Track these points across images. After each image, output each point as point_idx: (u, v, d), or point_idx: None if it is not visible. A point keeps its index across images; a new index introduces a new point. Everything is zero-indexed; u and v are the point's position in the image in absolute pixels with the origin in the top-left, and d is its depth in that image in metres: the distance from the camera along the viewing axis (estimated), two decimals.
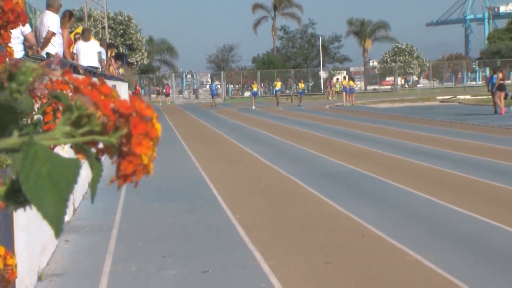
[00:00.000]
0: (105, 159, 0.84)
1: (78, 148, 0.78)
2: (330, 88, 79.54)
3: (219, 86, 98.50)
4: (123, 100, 0.77)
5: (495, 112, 35.52)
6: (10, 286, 1.38)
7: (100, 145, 0.79)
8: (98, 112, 0.76)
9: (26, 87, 0.80)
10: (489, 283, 7.39)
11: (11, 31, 1.45)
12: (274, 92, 65.59)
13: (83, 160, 0.79)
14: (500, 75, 38.02)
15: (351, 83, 62.82)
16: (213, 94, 70.90)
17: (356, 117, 38.39)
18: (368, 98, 72.18)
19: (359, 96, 73.18)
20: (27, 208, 0.82)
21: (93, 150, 0.79)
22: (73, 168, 0.75)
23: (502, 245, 9.06)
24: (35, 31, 14.49)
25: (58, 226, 0.74)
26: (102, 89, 0.78)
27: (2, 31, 1.33)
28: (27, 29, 12.25)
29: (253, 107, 55.64)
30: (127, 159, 0.77)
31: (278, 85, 66.27)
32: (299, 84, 67.65)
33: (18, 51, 11.60)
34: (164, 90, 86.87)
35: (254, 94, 61.75)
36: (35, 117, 1.41)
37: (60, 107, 1.60)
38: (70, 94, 0.85)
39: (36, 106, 1.60)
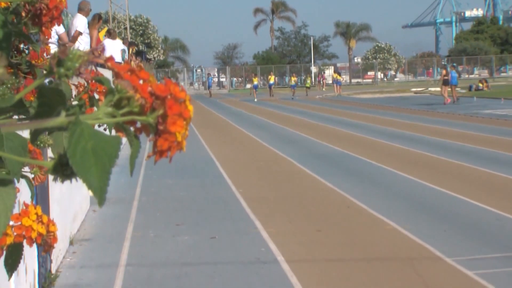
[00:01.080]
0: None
1: (119, 127, 0.76)
2: (323, 80, 79.51)
3: (223, 79, 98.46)
4: (159, 84, 0.76)
5: (444, 103, 35.40)
6: (52, 249, 1.36)
7: (138, 124, 0.77)
8: (137, 95, 0.74)
9: (73, 72, 0.78)
10: (455, 247, 7.39)
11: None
12: (269, 85, 62.05)
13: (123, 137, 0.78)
14: (443, 72, 38.25)
15: (338, 77, 63.04)
16: (209, 86, 70.49)
17: (342, 106, 38.34)
18: (353, 89, 71.92)
19: (345, 88, 73.02)
20: (73, 180, 0.81)
21: (132, 128, 0.78)
22: (115, 144, 0.73)
23: (467, 215, 9.06)
24: (67, 31, 14.44)
25: (101, 196, 0.72)
26: (140, 74, 0.76)
27: (44, 28, 1.30)
28: (61, 29, 12.20)
29: (255, 99, 51.25)
30: (163, 136, 0.75)
31: (272, 79, 63.84)
32: (292, 78, 65.67)
33: (52, 48, 11.55)
34: None
35: (255, 87, 56.63)
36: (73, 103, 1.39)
37: (96, 95, 1.58)
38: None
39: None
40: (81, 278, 6.78)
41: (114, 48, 20.53)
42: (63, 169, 0.78)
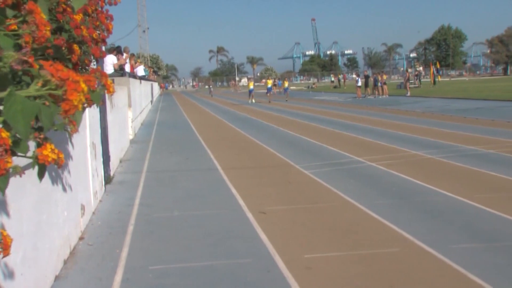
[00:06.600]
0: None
1: (45, 98, 0.56)
2: (235, 85, 76.57)
3: (195, 83, 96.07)
4: (65, 72, 0.57)
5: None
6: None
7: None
8: (53, 79, 0.55)
9: (8, 65, 0.58)
10: (300, 160, 7.33)
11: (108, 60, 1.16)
12: (267, 89, 31.44)
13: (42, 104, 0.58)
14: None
15: (251, 84, 61.57)
16: (166, 87, 65.86)
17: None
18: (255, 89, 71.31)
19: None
20: (120, 130, 0.61)
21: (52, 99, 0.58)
22: (34, 108, 0.55)
23: (306, 145, 9.01)
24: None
25: (25, 136, 0.54)
26: (56, 67, 0.57)
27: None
28: (115, 59, 11.38)
29: (253, 101, 27.30)
30: (65, 102, 0.56)
31: (270, 82, 32.76)
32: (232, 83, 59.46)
33: (109, 70, 10.79)
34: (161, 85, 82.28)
35: (251, 91, 30.11)
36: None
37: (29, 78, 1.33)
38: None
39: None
40: (124, 178, 6.48)
41: (141, 70, 19.73)
42: (4, 121, 0.59)
